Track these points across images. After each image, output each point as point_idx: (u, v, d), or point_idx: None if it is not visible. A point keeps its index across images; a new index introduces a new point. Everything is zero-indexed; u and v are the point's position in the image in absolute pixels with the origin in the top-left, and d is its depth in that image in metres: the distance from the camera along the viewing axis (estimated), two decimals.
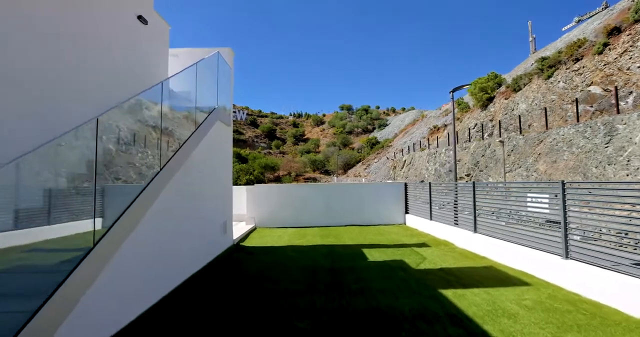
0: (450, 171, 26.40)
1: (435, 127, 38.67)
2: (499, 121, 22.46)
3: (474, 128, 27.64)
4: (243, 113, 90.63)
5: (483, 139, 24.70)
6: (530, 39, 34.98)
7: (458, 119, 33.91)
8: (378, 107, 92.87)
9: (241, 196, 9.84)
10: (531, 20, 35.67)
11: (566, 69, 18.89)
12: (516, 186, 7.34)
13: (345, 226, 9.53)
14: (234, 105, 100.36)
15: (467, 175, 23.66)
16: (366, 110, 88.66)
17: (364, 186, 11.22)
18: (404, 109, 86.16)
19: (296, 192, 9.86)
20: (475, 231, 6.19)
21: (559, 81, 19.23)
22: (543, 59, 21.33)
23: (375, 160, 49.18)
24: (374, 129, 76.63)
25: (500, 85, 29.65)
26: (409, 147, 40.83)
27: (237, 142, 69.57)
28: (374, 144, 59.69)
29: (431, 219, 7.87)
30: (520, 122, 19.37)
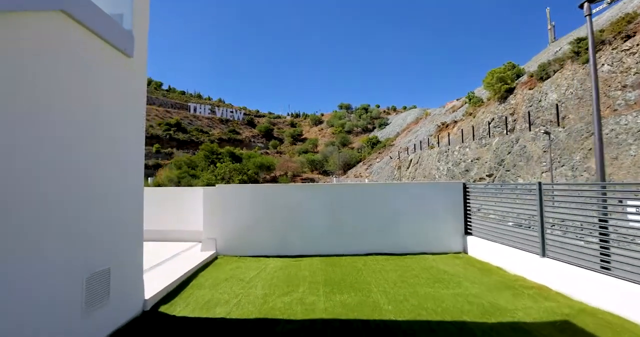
0: (467, 170, 23.47)
1: (443, 124, 35.76)
2: (528, 113, 19.47)
3: (491, 123, 24.68)
4: (240, 113, 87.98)
5: (507, 133, 21.68)
6: (549, 26, 32.14)
7: (470, 114, 31.03)
8: (378, 106, 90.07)
9: (196, 203, 6.71)
10: (549, 7, 32.92)
11: (612, 49, 15.89)
12: None
13: (366, 255, 5.97)
14: (230, 105, 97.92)
15: (489, 175, 20.68)
16: (366, 109, 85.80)
17: (395, 188, 6.79)
18: (405, 108, 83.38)
19: (283, 198, 6.31)
20: None
21: (603, 64, 16.23)
22: (579, 40, 18.36)
23: (377, 160, 46.26)
24: (374, 128, 73.81)
25: (519, 76, 26.75)
26: (414, 145, 37.96)
27: (233, 142, 66.75)
28: (375, 144, 56.82)
29: (544, 254, 4.15)
30: (558, 112, 16.36)
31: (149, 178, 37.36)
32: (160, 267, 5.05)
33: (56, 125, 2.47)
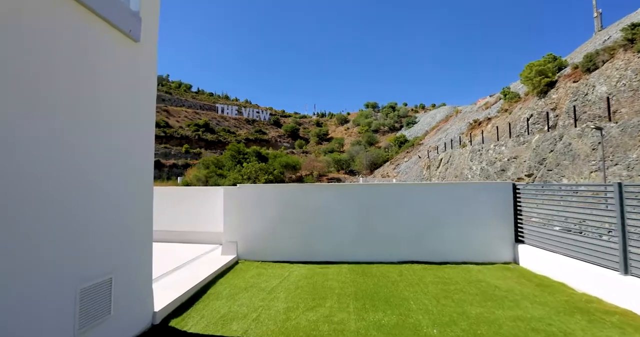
0: (503, 170, 21.94)
1: (475, 122, 33.94)
2: (574, 107, 17.82)
3: (530, 119, 22.96)
4: (266, 113, 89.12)
5: (548, 130, 20.04)
6: (595, 14, 29.46)
7: (506, 110, 29.17)
8: (406, 104, 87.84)
9: (216, 203, 6.36)
10: None
11: None
12: None
13: (400, 263, 5.39)
14: (257, 105, 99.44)
15: (529, 175, 19.18)
16: (393, 107, 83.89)
17: (432, 189, 5.94)
18: (434, 106, 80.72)
19: (309, 198, 5.79)
20: None
21: None
22: (634, 25, 16.51)
23: (405, 159, 44.89)
24: (401, 127, 72.00)
25: (560, 68, 24.73)
26: (444, 144, 36.39)
27: (260, 142, 67.61)
28: (402, 143, 55.28)
29: (627, 271, 3.43)
30: (609, 106, 14.77)
31: (178, 178, 38.48)
32: (176, 273, 4.74)
33: (47, 118, 2.12)
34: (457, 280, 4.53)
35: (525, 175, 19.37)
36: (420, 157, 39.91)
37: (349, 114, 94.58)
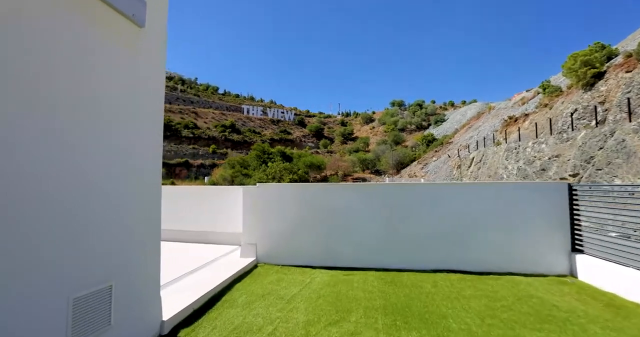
0: (544, 170, 20.35)
1: (511, 119, 31.96)
2: (628, 100, 16.11)
3: (574, 114, 21.15)
4: (291, 113, 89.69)
5: (596, 125, 18.31)
6: None
7: (545, 105, 27.17)
8: (434, 102, 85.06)
9: (236, 203, 6.05)
10: None
11: None
12: None
13: (433, 271, 4.80)
14: (281, 105, 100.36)
15: (573, 175, 17.60)
16: (420, 105, 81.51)
17: (471, 189, 5.15)
18: (464, 103, 77.50)
19: (332, 199, 5.28)
20: None
21: None
22: None
23: (434, 158, 43.28)
24: (429, 125, 69.74)
25: (610, 58, 22.59)
26: (476, 142, 34.64)
27: (284, 142, 68.06)
28: (430, 141, 53.42)
29: None
30: None
31: (205, 177, 39.40)
32: (192, 276, 4.46)
33: (44, 116, 1.86)
34: (504, 294, 3.91)
35: (570, 175, 17.80)
36: (449, 156, 38.29)
37: (374, 112, 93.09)
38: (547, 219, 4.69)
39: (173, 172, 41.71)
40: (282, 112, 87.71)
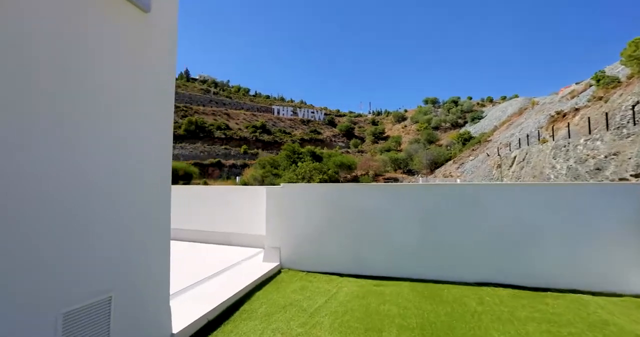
0: (599, 169, 18.35)
1: (559, 114, 29.42)
2: None
3: (635, 107, 18.89)
4: (321, 113, 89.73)
5: None
6: None
7: (600, 98, 24.65)
8: (470, 98, 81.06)
9: (260, 204, 5.73)
10: None
11: None
12: None
13: (478, 284, 4.17)
14: (311, 106, 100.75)
15: (636, 175, 15.66)
16: (455, 102, 78.03)
17: (524, 190, 4.40)
18: (504, 98, 73.12)
19: (361, 200, 4.82)
20: None
21: None
22: None
23: (471, 157, 41.07)
24: (465, 122, 66.53)
25: None
26: (519, 140, 32.31)
27: (315, 142, 68.15)
28: (466, 140, 50.83)
29: None
30: None
31: (236, 177, 40.26)
32: (211, 282, 4.20)
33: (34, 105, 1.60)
34: (570, 319, 3.24)
35: (632, 175, 15.87)
36: (488, 155, 36.10)
37: (406, 111, 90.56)
38: (624, 228, 3.90)
39: (206, 172, 43.08)
40: (312, 112, 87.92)
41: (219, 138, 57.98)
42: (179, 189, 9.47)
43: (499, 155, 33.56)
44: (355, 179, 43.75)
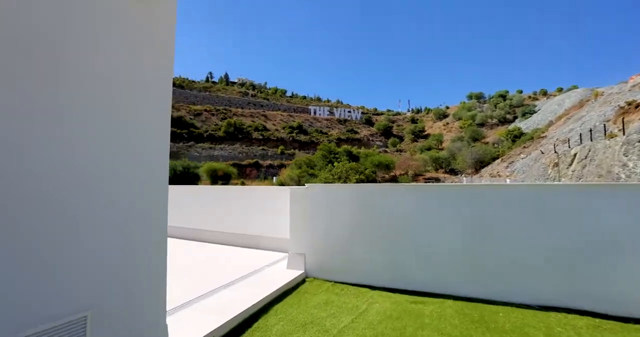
0: None
1: (630, 104, 25.92)
2: None
3: None
4: (358, 112, 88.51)
5: None
6: None
7: None
8: (520, 92, 74.98)
9: (282, 204, 5.28)
10: None
11: None
12: None
13: (543, 309, 3.39)
14: (348, 105, 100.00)
15: None
16: (503, 96, 72.67)
17: (597, 192, 3.48)
18: (560, 90, 66.64)
19: (393, 203, 4.19)
20: None
21: None
22: None
23: (522, 155, 37.77)
24: (515, 118, 61.58)
25: None
26: (579, 135, 29.01)
27: (351, 141, 67.34)
28: (517, 136, 46.92)
29: None
30: None
31: (273, 177, 40.78)
32: (228, 290, 3.84)
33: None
34: None
35: None
36: (543, 153, 32.88)
37: (447, 107, 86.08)
38: None
39: (244, 172, 44.18)
40: (349, 112, 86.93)
41: (257, 139, 59.34)
42: (203, 189, 9.41)
43: (555, 152, 30.37)
44: (394, 179, 42.28)
